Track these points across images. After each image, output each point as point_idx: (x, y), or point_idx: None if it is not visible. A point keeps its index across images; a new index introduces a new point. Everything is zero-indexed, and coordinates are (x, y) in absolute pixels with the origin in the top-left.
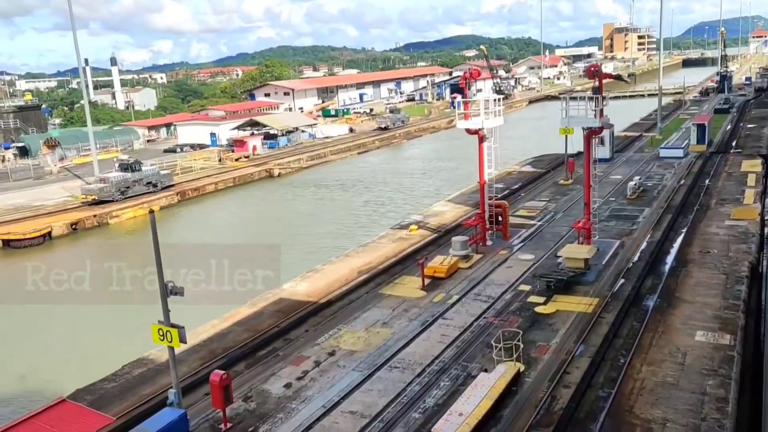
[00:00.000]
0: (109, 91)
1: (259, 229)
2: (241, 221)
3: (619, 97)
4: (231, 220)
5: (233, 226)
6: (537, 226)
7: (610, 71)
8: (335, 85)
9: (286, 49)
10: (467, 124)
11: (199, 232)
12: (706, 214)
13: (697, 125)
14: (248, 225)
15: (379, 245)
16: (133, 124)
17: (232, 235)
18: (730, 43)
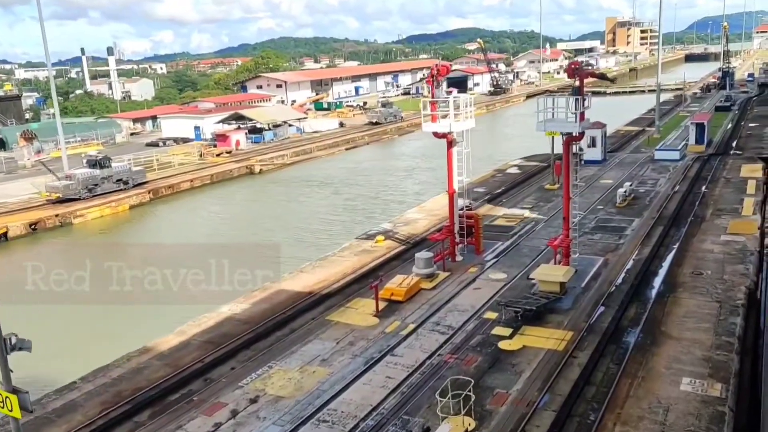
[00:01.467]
0: (105, 81)
1: (218, 234)
2: (204, 225)
3: (619, 92)
4: (191, 223)
5: (188, 232)
6: (515, 237)
7: (612, 65)
8: (330, 78)
9: (287, 41)
10: (434, 127)
11: (153, 237)
12: (700, 226)
13: (696, 124)
14: (208, 230)
15: (340, 259)
16: (118, 116)
17: (183, 242)
18: (734, 38)
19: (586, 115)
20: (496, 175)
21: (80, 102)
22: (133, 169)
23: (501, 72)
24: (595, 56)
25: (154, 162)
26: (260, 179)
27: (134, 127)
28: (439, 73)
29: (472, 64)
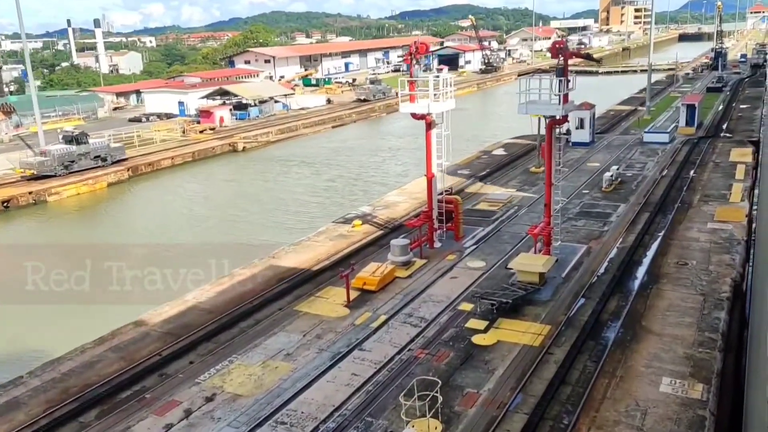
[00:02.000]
0: (92, 54)
1: (194, 216)
2: (181, 204)
3: (611, 72)
4: (171, 202)
5: (166, 211)
6: (496, 223)
7: (605, 44)
8: (319, 54)
9: (279, 15)
10: (412, 108)
11: (127, 217)
12: (687, 213)
13: (687, 106)
14: (185, 210)
15: (314, 244)
16: (101, 90)
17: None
18: (728, 18)
19: (570, 97)
20: (482, 157)
21: (66, 75)
22: (112, 145)
23: (493, 50)
24: (588, 35)
25: (134, 138)
26: (243, 157)
27: (117, 102)
28: (418, 51)
29: (464, 41)
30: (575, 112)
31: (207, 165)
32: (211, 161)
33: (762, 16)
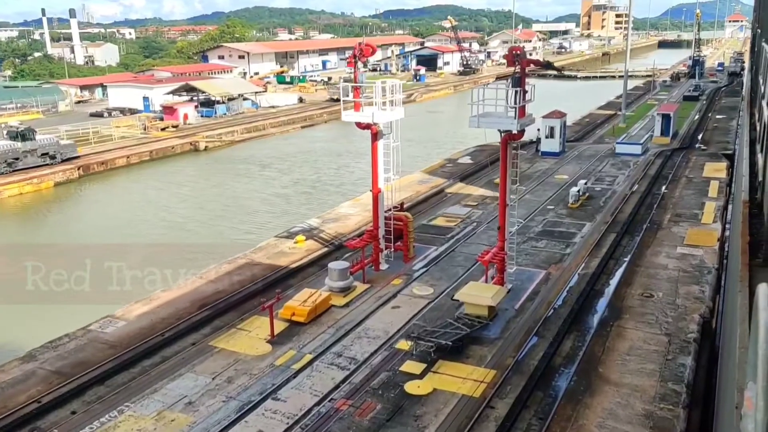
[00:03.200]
0: (68, 45)
1: (129, 223)
2: (120, 208)
3: (590, 77)
4: (112, 205)
5: (104, 216)
6: (452, 241)
7: (585, 49)
8: (296, 50)
9: (262, 10)
10: (356, 117)
11: (66, 221)
12: (656, 235)
13: (662, 115)
14: (123, 215)
15: (249, 263)
16: (65, 83)
17: (93, 228)
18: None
19: (528, 109)
20: (446, 165)
21: (38, 65)
22: (62, 142)
23: (472, 51)
24: (569, 39)
25: (90, 134)
26: (204, 157)
27: (81, 95)
28: (362, 53)
29: (445, 41)
30: (545, 121)
31: (165, 165)
32: (170, 161)
33: (740, 24)
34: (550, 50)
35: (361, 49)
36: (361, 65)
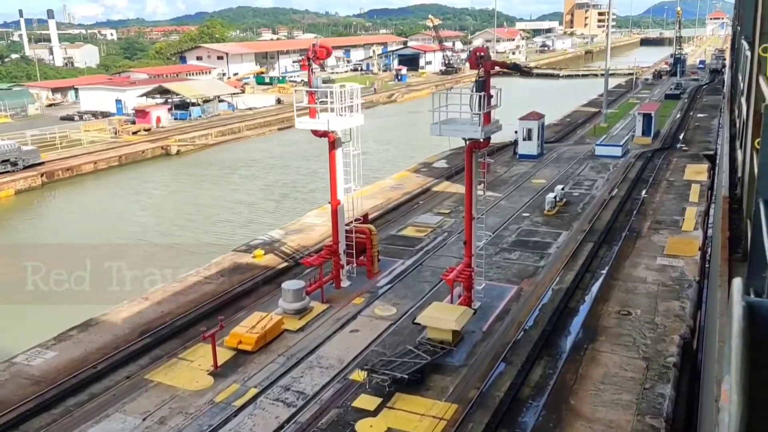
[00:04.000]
0: (46, 46)
1: (82, 233)
2: (75, 218)
3: (573, 75)
4: (68, 213)
5: (58, 225)
6: (421, 254)
7: (568, 47)
8: (276, 51)
9: (246, 10)
10: (311, 124)
11: (13, 231)
12: (635, 244)
13: (643, 115)
14: (76, 225)
15: (201, 279)
16: (36, 85)
17: (45, 238)
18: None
19: (495, 115)
20: (421, 170)
21: (15, 67)
22: (24, 148)
23: (454, 51)
24: (552, 37)
25: (58, 139)
26: (176, 162)
27: (53, 98)
28: (317, 55)
29: (427, 41)
30: (523, 123)
31: (134, 170)
32: (140, 166)
33: (721, 22)
34: (534, 48)
35: (315, 51)
36: (317, 68)
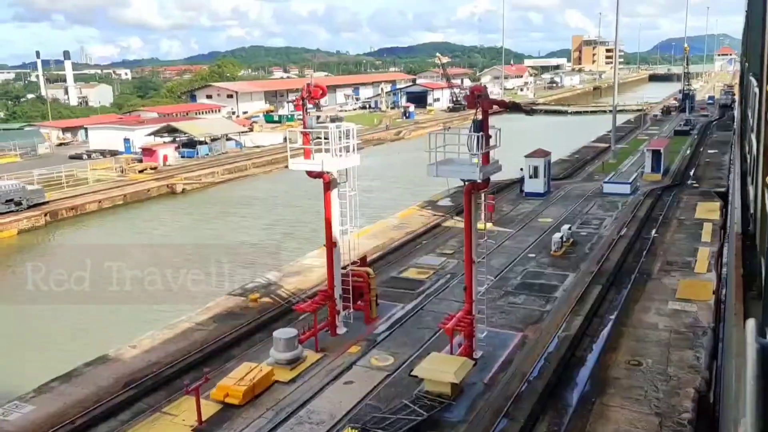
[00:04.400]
0: (61, 86)
1: (76, 279)
2: (71, 259)
3: (581, 112)
4: (63, 254)
5: (52, 266)
6: (422, 297)
7: (576, 83)
8: (285, 89)
9: (258, 49)
10: (305, 165)
11: None
12: (645, 287)
13: (653, 152)
14: (72, 269)
15: (193, 326)
16: (47, 125)
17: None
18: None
19: (493, 155)
20: (425, 208)
21: (31, 107)
22: (29, 187)
23: (462, 88)
24: (560, 74)
25: (63, 178)
26: (181, 200)
27: (63, 137)
28: (311, 95)
29: (436, 78)
30: (529, 160)
31: (139, 209)
32: (144, 205)
33: (729, 58)
34: (542, 85)
35: (309, 91)
36: (312, 107)
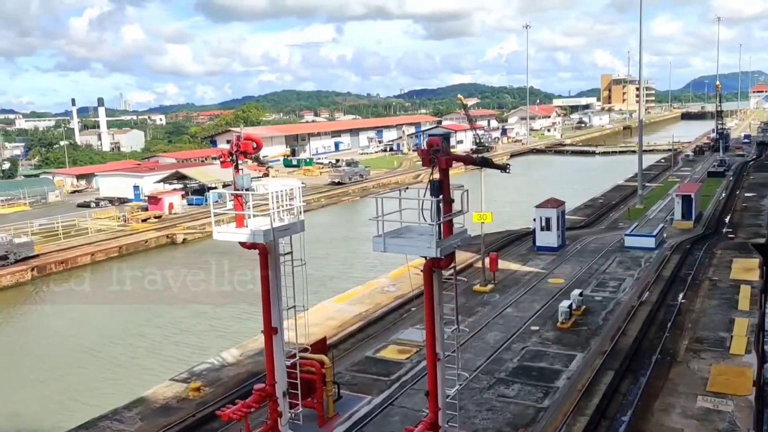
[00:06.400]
0: (95, 132)
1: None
2: (29, 336)
3: (609, 152)
4: (25, 329)
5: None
6: (397, 385)
7: (606, 123)
8: (307, 133)
9: (290, 93)
10: (235, 234)
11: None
12: (668, 374)
13: (683, 197)
14: (29, 339)
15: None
16: (62, 172)
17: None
18: (730, 98)
19: (456, 227)
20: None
21: (63, 153)
22: (17, 240)
23: (485, 129)
24: (589, 113)
25: (60, 229)
26: (181, 251)
27: (77, 185)
28: (240, 149)
29: (462, 120)
30: (540, 211)
31: (133, 261)
32: (141, 256)
33: (765, 95)
34: (570, 125)
35: (239, 144)
36: (243, 163)
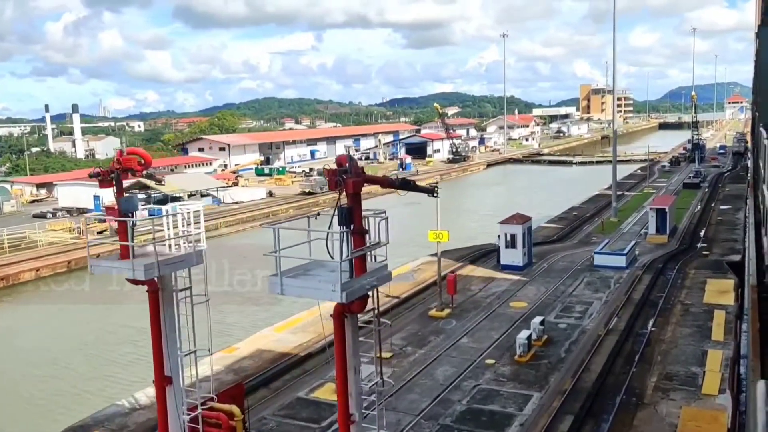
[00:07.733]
0: (70, 139)
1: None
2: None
3: (586, 162)
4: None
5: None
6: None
7: (584, 132)
8: (281, 141)
9: (272, 101)
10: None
11: None
12: (633, 420)
13: (657, 210)
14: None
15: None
16: (21, 180)
17: None
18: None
19: (378, 257)
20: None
21: (35, 160)
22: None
23: (462, 138)
24: (568, 123)
25: (5, 242)
26: None
27: (37, 194)
28: (122, 165)
29: (438, 129)
30: (504, 227)
31: (81, 277)
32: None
33: (740, 105)
34: (549, 134)
35: (120, 161)
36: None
